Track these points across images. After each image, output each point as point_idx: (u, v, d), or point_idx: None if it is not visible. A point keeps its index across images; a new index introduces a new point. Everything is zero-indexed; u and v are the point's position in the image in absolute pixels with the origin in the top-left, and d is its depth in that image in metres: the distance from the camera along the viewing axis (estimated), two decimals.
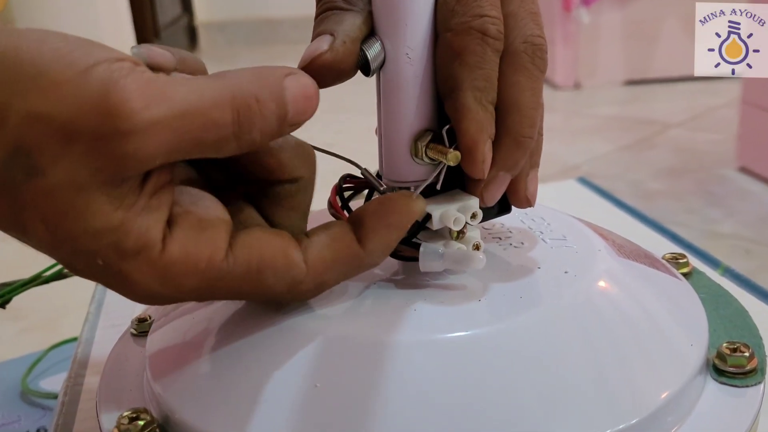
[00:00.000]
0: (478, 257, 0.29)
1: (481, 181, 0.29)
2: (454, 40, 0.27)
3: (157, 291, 0.24)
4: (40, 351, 0.84)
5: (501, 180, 0.29)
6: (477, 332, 0.27)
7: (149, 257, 0.23)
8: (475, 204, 0.30)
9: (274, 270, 0.25)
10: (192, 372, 0.29)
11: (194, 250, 0.24)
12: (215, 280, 0.24)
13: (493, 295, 0.29)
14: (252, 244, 0.25)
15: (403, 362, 0.26)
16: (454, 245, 0.30)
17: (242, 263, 0.25)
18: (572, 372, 0.27)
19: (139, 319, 0.37)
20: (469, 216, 0.29)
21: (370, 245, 0.27)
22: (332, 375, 0.26)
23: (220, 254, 0.24)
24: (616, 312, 0.29)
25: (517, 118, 0.28)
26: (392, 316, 0.28)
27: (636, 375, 0.27)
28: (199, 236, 0.24)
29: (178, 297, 0.25)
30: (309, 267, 0.26)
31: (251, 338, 0.28)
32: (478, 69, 0.27)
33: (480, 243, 0.31)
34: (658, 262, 0.36)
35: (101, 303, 0.47)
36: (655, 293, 0.32)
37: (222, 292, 0.25)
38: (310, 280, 0.26)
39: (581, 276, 0.30)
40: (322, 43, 0.27)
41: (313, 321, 0.28)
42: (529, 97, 0.28)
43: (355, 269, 0.27)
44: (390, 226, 0.27)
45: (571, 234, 0.34)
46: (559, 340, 0.27)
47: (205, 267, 0.24)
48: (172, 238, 0.24)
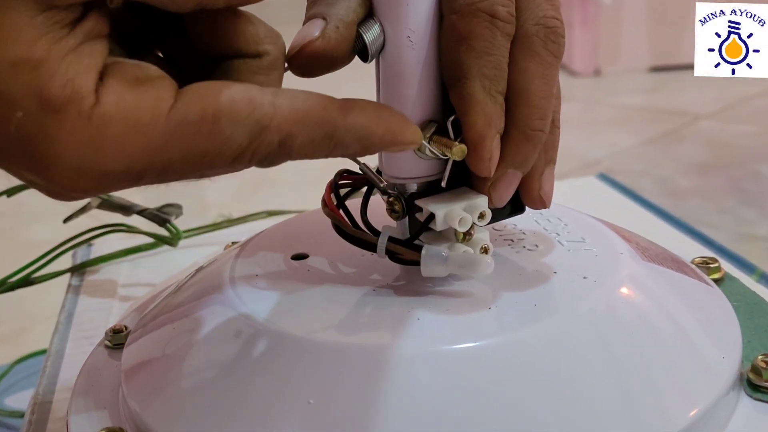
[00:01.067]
0: (486, 261, 0.29)
1: (489, 179, 0.29)
2: (460, 22, 0.27)
3: (91, 162, 0.22)
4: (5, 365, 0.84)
5: (510, 178, 0.29)
6: (486, 343, 0.27)
7: (80, 110, 0.21)
8: (484, 203, 0.30)
9: (234, 113, 0.23)
10: (172, 388, 0.29)
11: (134, 100, 0.22)
12: (164, 138, 0.23)
13: (503, 303, 0.29)
14: (205, 90, 0.24)
15: (404, 376, 0.26)
16: (460, 248, 0.30)
17: (195, 111, 0.23)
18: (592, 388, 0.27)
19: (114, 330, 0.37)
20: (476, 216, 0.29)
21: (351, 118, 0.25)
22: (327, 390, 0.26)
23: (166, 104, 0.23)
24: (640, 321, 0.30)
25: (526, 109, 0.28)
26: (393, 325, 0.28)
27: (662, 391, 0.27)
28: (138, 87, 0.23)
29: (119, 172, 0.23)
30: (276, 111, 0.24)
31: (238, 350, 0.28)
32: (486, 55, 0.27)
33: (489, 246, 0.31)
34: (686, 267, 0.36)
35: (72, 312, 0.47)
36: (683, 301, 0.32)
37: (173, 156, 0.23)
38: (275, 128, 0.24)
39: (602, 282, 0.30)
40: (313, 28, 0.27)
41: (306, 331, 0.28)
42: (540, 86, 0.28)
43: (327, 140, 0.25)
44: (381, 120, 0.26)
45: (591, 236, 0.34)
46: (578, 352, 0.27)
47: (150, 120, 0.22)
48: (107, 89, 0.22)
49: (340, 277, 0.32)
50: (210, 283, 0.33)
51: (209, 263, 0.37)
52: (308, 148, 0.25)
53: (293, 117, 0.24)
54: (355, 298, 0.30)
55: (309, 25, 0.27)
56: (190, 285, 0.35)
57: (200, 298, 0.33)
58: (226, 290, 0.31)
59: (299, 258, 0.34)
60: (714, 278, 0.38)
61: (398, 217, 0.31)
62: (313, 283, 0.31)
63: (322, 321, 0.29)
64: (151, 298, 0.40)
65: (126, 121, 0.22)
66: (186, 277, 0.38)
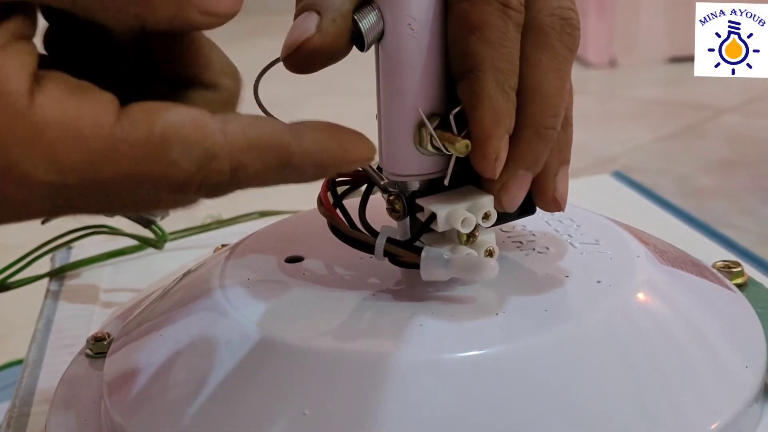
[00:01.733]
0: (490, 265, 0.29)
1: (498, 178, 0.29)
2: (472, 11, 0.27)
3: (17, 164, 0.21)
4: None
5: (521, 180, 0.29)
6: (493, 351, 0.27)
7: (14, 109, 0.21)
8: (489, 202, 0.30)
9: (182, 138, 0.23)
10: (158, 400, 0.29)
11: (75, 108, 0.22)
12: (105, 153, 0.22)
13: (512, 309, 0.29)
14: (153, 109, 0.23)
15: (405, 387, 0.26)
16: (463, 250, 0.30)
17: (141, 128, 0.22)
18: (606, 400, 0.27)
19: (96, 337, 0.37)
20: (480, 216, 0.29)
21: (305, 142, 0.25)
22: (323, 401, 0.27)
23: (110, 117, 0.22)
24: (658, 329, 0.30)
25: (539, 106, 0.28)
26: (393, 332, 0.28)
27: (681, 402, 0.28)
28: (80, 95, 0.22)
29: (47, 184, 0.22)
30: (227, 139, 0.24)
31: (229, 360, 0.28)
32: (500, 47, 0.27)
33: (494, 248, 0.31)
34: (707, 271, 0.36)
35: (51, 319, 0.47)
36: (703, 307, 0.32)
37: (113, 173, 0.22)
38: (226, 156, 0.24)
39: (617, 286, 0.30)
40: (308, 23, 0.27)
41: (302, 338, 0.28)
42: (553, 81, 0.28)
43: (281, 166, 0.25)
44: (334, 140, 0.25)
45: (605, 238, 0.34)
46: (591, 362, 0.27)
47: (91, 133, 0.22)
48: (45, 92, 0.21)
49: (338, 281, 0.32)
50: (199, 288, 0.33)
51: (197, 267, 0.37)
52: (261, 176, 0.25)
53: (246, 144, 0.24)
54: (354, 304, 0.30)
55: (303, 20, 0.27)
56: (177, 290, 0.36)
57: (188, 304, 0.33)
58: (216, 295, 0.31)
59: (294, 261, 0.34)
60: (737, 283, 0.38)
61: (399, 217, 0.31)
62: (309, 288, 0.31)
63: (318, 327, 0.29)
64: (136, 304, 0.40)
65: (64, 128, 0.21)
66: (173, 281, 0.38)
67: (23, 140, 0.21)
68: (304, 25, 0.27)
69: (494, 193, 0.29)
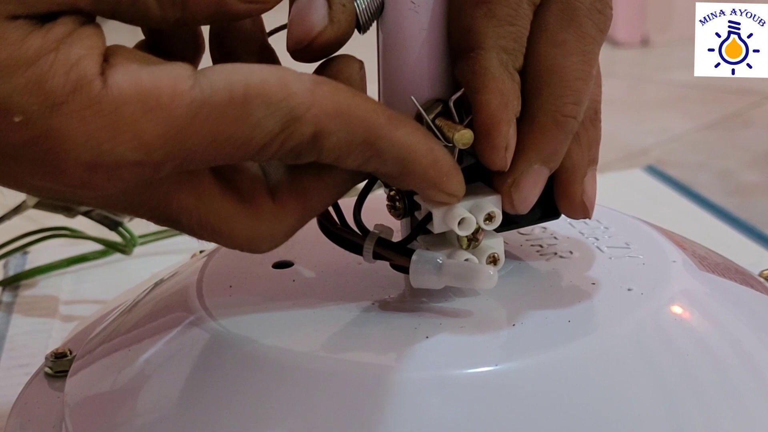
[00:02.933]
0: (487, 273, 0.29)
1: (509, 174, 0.29)
2: None
3: (105, 155, 0.23)
4: None
5: (536, 175, 0.29)
6: (509, 367, 0.27)
7: (88, 96, 0.22)
8: (492, 202, 0.29)
9: (267, 96, 0.24)
10: (128, 425, 0.29)
11: (150, 78, 0.23)
12: (185, 122, 0.23)
13: (531, 320, 0.29)
14: (233, 70, 0.24)
15: (409, 405, 0.27)
16: (462, 255, 0.30)
17: (221, 92, 0.24)
18: (636, 421, 0.27)
19: (56, 354, 0.37)
20: (482, 218, 0.29)
21: (399, 134, 0.26)
22: (319, 422, 0.27)
23: (187, 82, 0.24)
24: (696, 344, 0.30)
25: (559, 89, 0.28)
26: (396, 345, 0.28)
27: (721, 426, 0.28)
28: (153, 65, 0.24)
29: (135, 163, 0.24)
30: (314, 100, 0.25)
31: (209, 377, 0.29)
32: (508, 24, 0.27)
33: (498, 255, 0.30)
34: (753, 280, 0.37)
35: (3, 335, 0.47)
36: (747, 320, 0.33)
37: (195, 143, 0.24)
38: (311, 119, 0.25)
39: (649, 295, 0.31)
40: (317, 13, 0.27)
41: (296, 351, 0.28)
42: (578, 64, 0.28)
43: (365, 146, 0.26)
44: (430, 151, 0.27)
45: (637, 241, 0.35)
46: (619, 378, 0.28)
47: (170, 101, 0.23)
48: (117, 69, 0.23)
49: (332, 288, 0.32)
50: (173, 299, 0.33)
51: (171, 275, 0.37)
52: (342, 149, 0.26)
53: (333, 110, 0.25)
54: (351, 314, 0.30)
55: (308, 8, 0.27)
56: (148, 301, 0.36)
57: (162, 316, 0.33)
58: (194, 306, 0.32)
59: (282, 266, 0.34)
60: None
61: (399, 215, 0.31)
62: (299, 297, 0.32)
63: (309, 340, 0.29)
64: (101, 318, 0.40)
65: (142, 102, 0.23)
66: (143, 291, 0.38)
67: (104, 127, 0.23)
68: (312, 15, 0.27)
69: (505, 190, 0.29)
